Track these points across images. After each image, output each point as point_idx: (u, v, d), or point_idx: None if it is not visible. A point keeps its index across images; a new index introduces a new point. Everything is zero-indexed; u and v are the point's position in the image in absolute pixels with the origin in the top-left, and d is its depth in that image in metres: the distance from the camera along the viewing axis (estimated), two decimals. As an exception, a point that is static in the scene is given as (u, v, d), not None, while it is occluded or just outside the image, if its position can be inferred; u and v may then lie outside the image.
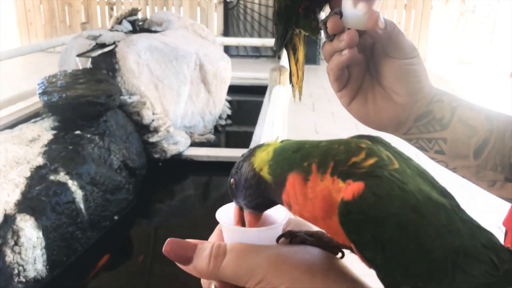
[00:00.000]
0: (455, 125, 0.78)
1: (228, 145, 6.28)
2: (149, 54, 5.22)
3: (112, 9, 12.87)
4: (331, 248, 0.54)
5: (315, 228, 0.55)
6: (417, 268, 0.44)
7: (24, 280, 3.02)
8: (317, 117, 7.76)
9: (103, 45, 5.02)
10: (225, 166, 4.97)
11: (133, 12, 6.38)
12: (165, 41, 5.55)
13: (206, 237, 0.55)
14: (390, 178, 0.45)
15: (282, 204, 0.52)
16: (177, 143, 5.05)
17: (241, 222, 0.57)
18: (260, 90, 7.10)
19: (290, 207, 0.50)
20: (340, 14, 0.77)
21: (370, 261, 0.45)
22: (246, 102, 7.81)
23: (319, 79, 10.39)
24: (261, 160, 0.52)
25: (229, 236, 0.55)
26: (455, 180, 0.93)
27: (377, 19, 0.74)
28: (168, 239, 0.51)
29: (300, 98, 1.04)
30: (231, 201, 0.59)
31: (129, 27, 6.16)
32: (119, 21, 6.17)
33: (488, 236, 0.48)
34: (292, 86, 1.04)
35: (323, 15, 0.87)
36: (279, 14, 0.90)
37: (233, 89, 6.84)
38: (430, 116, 0.80)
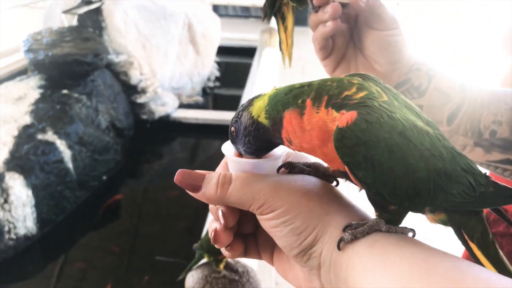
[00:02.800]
0: (432, 93, 0.84)
1: (216, 107, 6.27)
2: (137, 13, 5.10)
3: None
4: (327, 177, 0.60)
5: (312, 160, 0.60)
6: (403, 187, 0.49)
7: (14, 237, 3.07)
8: (307, 80, 7.74)
9: (89, 2, 4.89)
10: (213, 129, 5.02)
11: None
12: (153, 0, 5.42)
13: (194, 199, 0.59)
14: (380, 107, 0.49)
15: (282, 143, 0.56)
16: (165, 104, 5.04)
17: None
18: (249, 52, 7.03)
19: (290, 143, 0.55)
20: None
21: (361, 181, 0.50)
22: (235, 64, 7.73)
23: (310, 42, 10.28)
24: (258, 108, 0.57)
25: (234, 167, 0.60)
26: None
27: None
28: (179, 170, 0.57)
29: (290, 65, 1.08)
30: (222, 156, 0.64)
31: (116, -17, 5.98)
32: (105, -23, 5.97)
33: (468, 162, 0.53)
34: (282, 53, 1.07)
35: None
36: None
37: (222, 50, 6.75)
38: (408, 83, 0.86)
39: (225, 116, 5.02)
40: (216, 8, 11.15)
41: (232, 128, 0.60)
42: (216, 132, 4.95)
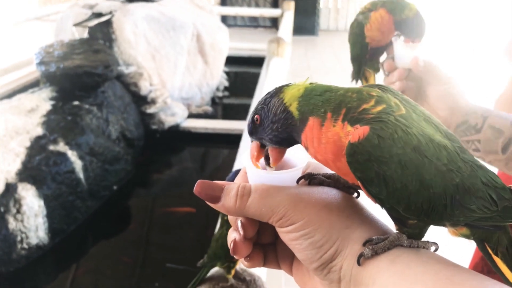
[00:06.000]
0: (486, 130, 1.05)
1: (225, 117, 6.31)
2: (146, 24, 5.17)
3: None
4: (347, 188, 0.59)
5: (332, 171, 0.59)
6: (418, 202, 0.48)
7: (27, 247, 3.10)
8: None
9: (99, 15, 4.97)
10: (222, 138, 5.04)
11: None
12: (162, 11, 5.49)
13: (204, 207, 0.59)
14: (395, 122, 0.49)
15: (300, 143, 0.56)
16: (175, 114, 5.08)
17: (258, 157, 0.60)
18: (257, 62, 7.07)
19: (306, 148, 0.55)
20: (393, 59, 1.21)
21: (374, 196, 0.50)
22: (243, 73, 7.78)
23: (318, 51, 10.32)
24: (292, 96, 0.56)
25: (253, 178, 0.59)
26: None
27: (418, 61, 1.13)
28: (198, 180, 0.57)
29: None
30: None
31: (126, -4, 6.07)
32: (115, -10, 6.07)
33: (490, 175, 0.52)
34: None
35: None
36: (353, 59, 1.32)
37: (231, 60, 6.80)
38: (466, 124, 1.08)
39: (234, 125, 5.04)
40: (224, 19, 11.26)
41: (257, 116, 0.59)
42: (225, 141, 4.98)
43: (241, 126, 4.76)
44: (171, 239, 3.66)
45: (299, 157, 0.62)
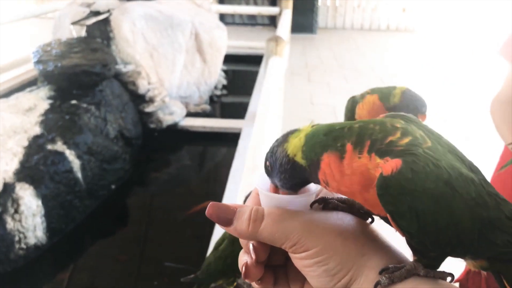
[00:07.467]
0: None
1: (223, 115, 6.30)
2: (144, 23, 5.16)
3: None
4: (362, 214, 0.58)
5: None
6: (447, 237, 0.47)
7: (25, 246, 3.09)
8: (312, 87, 7.73)
9: (97, 13, 4.94)
10: (220, 137, 5.03)
11: (127, -22, 6.24)
12: (160, 9, 5.47)
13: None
14: (425, 155, 0.48)
15: (319, 183, 0.55)
16: (173, 113, 5.07)
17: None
18: (256, 60, 7.06)
19: (327, 184, 0.54)
20: None
21: (404, 230, 0.49)
22: (241, 72, 7.76)
23: (316, 49, 10.31)
24: (294, 147, 0.56)
25: (266, 202, 0.59)
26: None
27: None
28: (211, 202, 0.56)
29: None
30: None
31: (123, -6, 6.04)
32: (113, -12, 6.04)
33: (511, 208, 0.51)
34: None
35: None
36: None
37: (229, 58, 6.79)
38: None
39: (232, 124, 5.03)
40: (222, 17, 11.24)
41: (267, 163, 0.59)
42: (223, 140, 4.97)
43: (239, 124, 4.75)
44: (170, 237, 3.66)
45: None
